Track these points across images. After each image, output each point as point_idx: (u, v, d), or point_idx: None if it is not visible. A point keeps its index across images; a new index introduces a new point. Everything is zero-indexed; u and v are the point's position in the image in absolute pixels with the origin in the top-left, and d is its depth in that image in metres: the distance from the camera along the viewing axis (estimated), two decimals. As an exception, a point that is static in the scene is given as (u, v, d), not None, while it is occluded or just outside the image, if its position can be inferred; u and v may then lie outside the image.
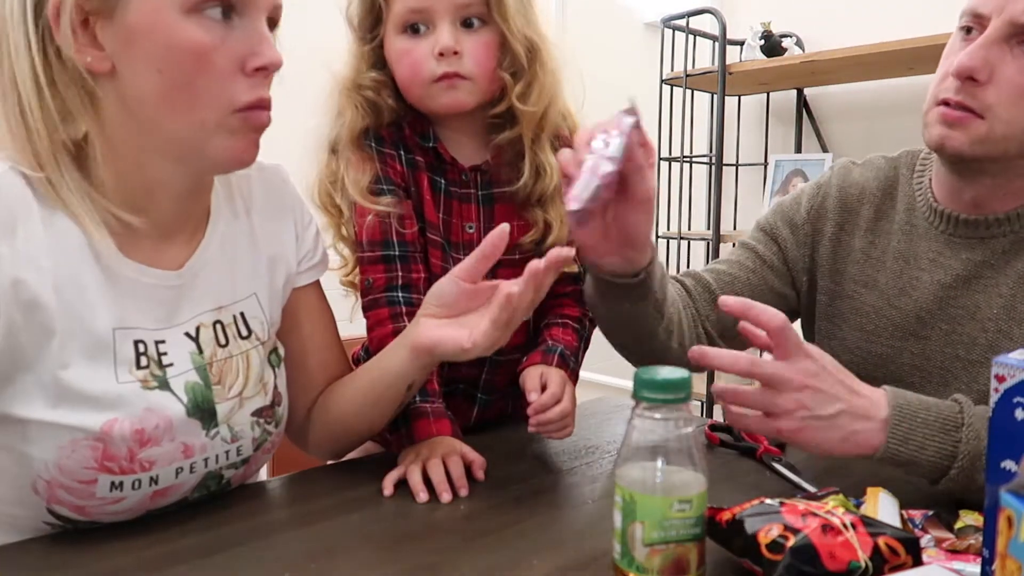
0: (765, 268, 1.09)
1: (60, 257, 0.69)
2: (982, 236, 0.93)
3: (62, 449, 0.70)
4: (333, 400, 0.93)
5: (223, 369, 0.81)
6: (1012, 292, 0.91)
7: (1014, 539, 0.43)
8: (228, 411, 0.81)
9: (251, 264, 0.86)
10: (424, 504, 0.82)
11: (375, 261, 0.97)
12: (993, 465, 0.55)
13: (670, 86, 2.64)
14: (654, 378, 0.59)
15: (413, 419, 0.93)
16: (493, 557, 0.70)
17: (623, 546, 0.59)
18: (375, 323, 0.97)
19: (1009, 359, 0.54)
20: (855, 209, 1.06)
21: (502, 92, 0.97)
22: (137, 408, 0.73)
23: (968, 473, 0.74)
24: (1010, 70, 0.84)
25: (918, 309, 0.97)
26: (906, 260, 1.00)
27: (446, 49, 0.92)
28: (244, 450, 0.83)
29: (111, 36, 0.67)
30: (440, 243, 1.00)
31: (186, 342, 0.79)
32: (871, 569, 0.57)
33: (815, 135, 2.67)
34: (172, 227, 0.78)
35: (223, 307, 0.82)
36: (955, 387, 0.94)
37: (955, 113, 0.87)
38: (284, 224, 0.90)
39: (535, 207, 1.01)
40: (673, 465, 0.59)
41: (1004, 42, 0.84)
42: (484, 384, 1.07)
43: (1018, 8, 0.82)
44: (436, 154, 1.00)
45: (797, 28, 2.62)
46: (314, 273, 0.95)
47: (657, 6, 2.79)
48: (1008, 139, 0.85)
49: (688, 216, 2.77)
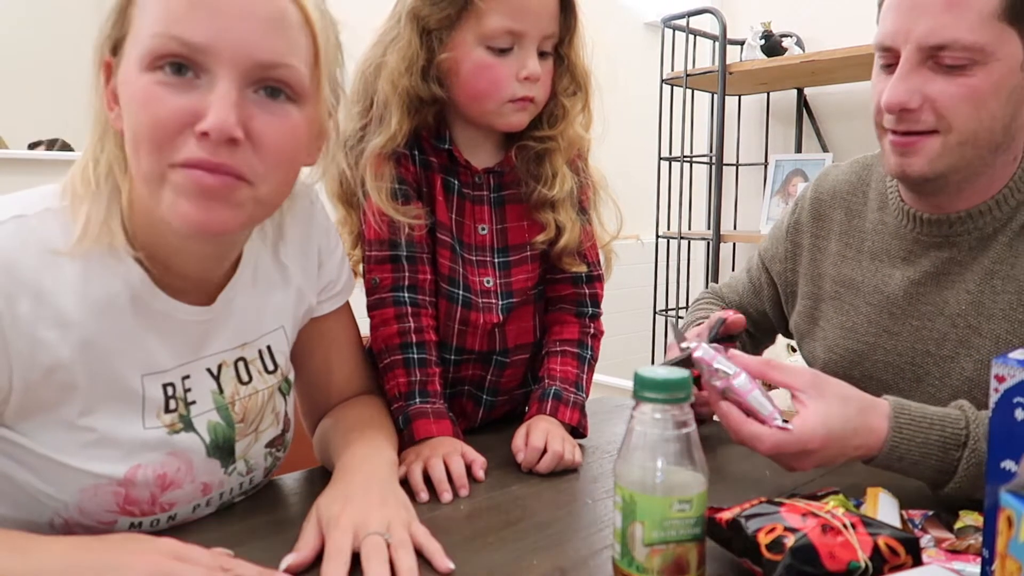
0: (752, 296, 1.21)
1: (92, 303, 0.67)
2: (947, 234, 0.94)
3: (84, 492, 0.69)
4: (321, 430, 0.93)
5: (247, 406, 0.80)
6: (979, 288, 0.92)
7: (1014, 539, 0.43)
8: (245, 447, 0.81)
9: (281, 296, 0.84)
10: (424, 504, 0.82)
11: (383, 261, 0.97)
12: (993, 465, 0.55)
13: (670, 86, 2.63)
14: (654, 378, 0.59)
15: (414, 419, 0.93)
16: (493, 557, 0.70)
17: (623, 546, 0.59)
18: (380, 322, 0.97)
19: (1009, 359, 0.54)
20: (827, 214, 1.09)
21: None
22: (161, 453, 0.72)
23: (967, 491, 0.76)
24: (938, 86, 0.85)
25: (890, 305, 0.99)
26: (879, 257, 1.01)
27: (534, 75, 0.93)
28: (256, 479, 0.84)
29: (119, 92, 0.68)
30: (450, 243, 1.01)
31: (208, 379, 0.77)
32: (871, 569, 0.57)
33: (815, 135, 2.67)
34: (203, 273, 0.76)
35: (247, 343, 0.81)
36: (927, 383, 0.95)
37: (906, 139, 0.88)
38: (309, 254, 0.88)
39: (546, 210, 1.02)
40: (673, 465, 0.59)
41: (921, 65, 0.85)
42: (489, 385, 1.08)
43: (921, 32, 0.83)
44: (450, 156, 1.00)
45: (797, 28, 2.62)
46: (336, 301, 0.92)
47: (657, 6, 2.79)
48: (964, 144, 0.86)
49: (688, 216, 2.77)
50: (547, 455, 0.90)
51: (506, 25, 0.90)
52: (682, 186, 2.71)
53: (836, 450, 0.75)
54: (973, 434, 0.76)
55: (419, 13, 0.92)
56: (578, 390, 1.03)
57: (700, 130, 2.78)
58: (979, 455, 0.75)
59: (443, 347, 1.02)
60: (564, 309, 1.08)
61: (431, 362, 0.98)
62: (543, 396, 1.00)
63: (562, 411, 0.99)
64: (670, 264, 2.71)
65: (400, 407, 0.95)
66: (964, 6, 0.82)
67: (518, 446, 0.93)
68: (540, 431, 0.93)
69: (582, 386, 1.04)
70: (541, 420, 0.97)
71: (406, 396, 0.95)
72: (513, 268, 1.04)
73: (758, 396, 0.76)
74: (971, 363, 0.92)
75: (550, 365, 1.04)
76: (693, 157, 2.65)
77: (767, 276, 1.17)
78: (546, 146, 1.01)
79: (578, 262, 1.05)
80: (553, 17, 0.94)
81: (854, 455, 0.77)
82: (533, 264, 1.05)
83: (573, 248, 1.03)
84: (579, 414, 1.01)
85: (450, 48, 0.93)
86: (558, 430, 0.95)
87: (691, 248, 2.74)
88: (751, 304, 1.20)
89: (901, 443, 0.76)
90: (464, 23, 0.91)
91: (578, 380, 1.04)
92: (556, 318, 1.08)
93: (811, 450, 0.74)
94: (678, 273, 2.70)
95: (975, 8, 0.81)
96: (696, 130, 2.70)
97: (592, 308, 1.09)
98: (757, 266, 1.19)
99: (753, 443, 0.76)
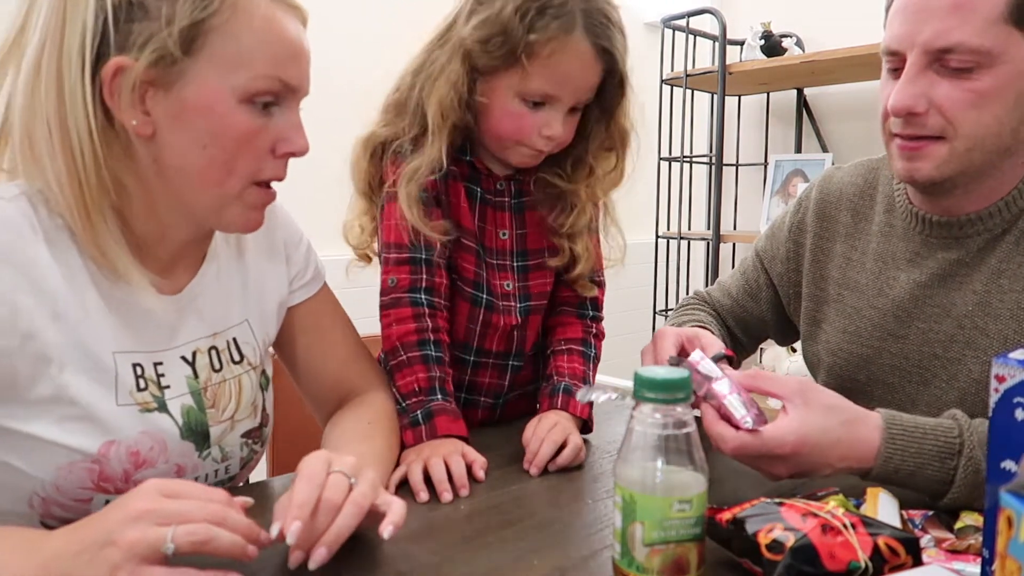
0: (748, 299, 1.18)
1: (64, 281, 0.71)
2: (956, 236, 0.94)
3: (60, 469, 0.72)
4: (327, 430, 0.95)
5: (217, 393, 0.84)
6: (986, 288, 0.92)
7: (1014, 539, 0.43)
8: (220, 433, 0.84)
9: (243, 292, 0.89)
10: (424, 504, 0.82)
11: (401, 262, 0.99)
12: (993, 465, 0.55)
13: (670, 86, 2.63)
14: (654, 378, 0.59)
15: (436, 414, 0.94)
16: (493, 557, 0.70)
17: (623, 546, 0.59)
18: (396, 320, 0.98)
19: (1009, 359, 0.54)
20: (833, 216, 1.08)
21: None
22: (134, 431, 0.75)
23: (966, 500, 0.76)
24: (944, 90, 0.85)
25: (895, 308, 0.98)
26: (884, 260, 1.01)
27: (555, 136, 0.97)
28: (232, 469, 0.86)
29: (162, 106, 0.71)
30: (475, 249, 1.03)
31: (182, 366, 0.81)
32: (871, 569, 0.57)
33: (815, 135, 2.67)
34: (174, 260, 0.82)
35: (217, 333, 0.85)
36: (935, 385, 0.95)
37: (913, 143, 0.88)
38: (274, 255, 0.94)
39: (562, 238, 1.05)
40: (673, 465, 0.59)
41: (927, 68, 0.85)
42: (507, 388, 1.11)
43: (927, 36, 0.84)
44: (471, 166, 1.03)
45: (797, 28, 2.62)
46: (308, 290, 0.97)
47: (657, 6, 2.79)
48: (971, 150, 0.86)
49: (688, 216, 2.77)
50: (567, 448, 0.92)
51: (545, 89, 0.94)
52: (682, 186, 2.71)
53: (816, 459, 0.75)
54: (968, 442, 0.76)
55: (471, 53, 0.94)
56: (586, 381, 1.05)
57: (700, 130, 2.78)
58: (975, 463, 0.75)
59: (464, 348, 1.05)
60: (567, 311, 1.11)
61: (447, 362, 0.99)
62: (553, 392, 1.02)
63: (573, 405, 1.01)
64: (670, 264, 2.71)
65: (420, 401, 0.95)
66: (970, 9, 0.81)
67: (528, 438, 0.95)
68: (548, 422, 0.96)
69: (589, 382, 1.06)
70: (551, 414, 0.99)
71: (427, 391, 0.95)
72: (531, 272, 1.07)
73: (733, 400, 0.77)
74: (978, 364, 0.91)
75: (557, 363, 1.06)
76: (693, 157, 2.65)
77: (766, 277, 1.16)
78: (567, 188, 1.04)
79: (591, 287, 1.10)
80: (591, 88, 0.97)
81: (841, 466, 0.76)
82: (551, 270, 1.08)
83: (587, 275, 1.08)
84: (589, 408, 1.02)
85: (487, 92, 0.96)
86: (569, 423, 0.97)
87: (691, 248, 2.74)
88: (747, 307, 1.18)
89: (895, 454, 0.76)
90: (507, 74, 0.94)
91: (585, 376, 1.06)
92: (559, 320, 1.11)
93: (781, 455, 0.75)
94: (678, 273, 2.70)
95: (981, 11, 0.81)
96: (696, 130, 2.70)
97: (593, 311, 1.12)
98: (754, 267, 1.18)
99: (718, 443, 0.77)
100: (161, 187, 0.75)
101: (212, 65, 0.71)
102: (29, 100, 0.69)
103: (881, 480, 0.77)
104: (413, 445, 0.92)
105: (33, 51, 0.68)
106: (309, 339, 0.97)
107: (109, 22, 0.68)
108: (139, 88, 0.70)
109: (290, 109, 0.77)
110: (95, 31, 0.68)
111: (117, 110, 0.70)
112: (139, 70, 0.68)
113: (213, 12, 0.69)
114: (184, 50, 0.69)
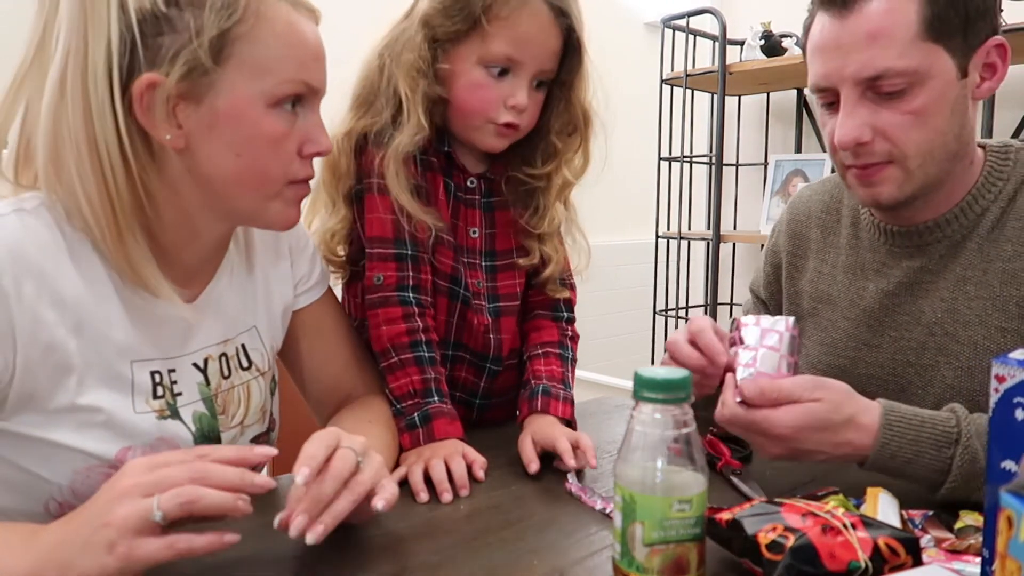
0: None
1: (86, 291, 0.72)
2: (918, 244, 0.96)
3: (77, 474, 0.72)
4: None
5: (227, 399, 0.84)
6: (952, 295, 0.93)
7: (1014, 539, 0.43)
8: (231, 439, 0.84)
9: (252, 298, 0.90)
10: (424, 504, 0.82)
11: (387, 258, 0.98)
12: (993, 465, 0.55)
13: (670, 86, 2.63)
14: (654, 378, 0.59)
15: (434, 417, 0.93)
16: (493, 557, 0.70)
17: (623, 546, 0.59)
18: (385, 321, 0.97)
19: (1009, 359, 0.54)
20: (804, 233, 1.11)
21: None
22: (150, 437, 0.76)
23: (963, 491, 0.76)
24: (885, 116, 0.86)
25: (867, 318, 1.00)
26: (854, 272, 1.03)
27: (519, 105, 0.96)
28: None
29: (194, 118, 0.71)
30: (452, 243, 1.02)
31: (194, 373, 0.81)
32: (871, 569, 0.57)
33: (815, 135, 2.67)
34: (198, 266, 0.82)
35: (228, 340, 0.86)
36: (910, 392, 0.96)
37: (867, 171, 0.90)
38: (280, 259, 0.94)
39: (532, 239, 1.05)
40: (673, 465, 0.59)
41: (862, 98, 0.87)
42: (483, 392, 1.09)
43: (853, 69, 0.85)
44: (448, 158, 1.02)
45: (797, 28, 2.61)
46: (312, 294, 0.97)
47: (657, 6, 2.79)
48: (923, 165, 0.88)
49: (688, 216, 2.77)
50: (588, 449, 0.90)
51: (507, 51, 0.93)
52: (682, 186, 2.71)
53: (811, 444, 0.76)
54: (965, 432, 0.76)
55: (431, 21, 0.94)
56: (565, 387, 1.04)
57: (700, 130, 2.78)
58: (972, 452, 0.75)
59: (442, 341, 1.03)
60: (541, 315, 1.11)
61: (439, 362, 0.99)
62: (532, 395, 1.01)
63: (554, 406, 1.00)
64: (670, 264, 2.71)
65: (417, 404, 0.95)
66: (887, 36, 0.84)
67: (529, 457, 0.91)
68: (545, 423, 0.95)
69: (568, 383, 1.05)
70: (536, 420, 0.97)
71: (423, 393, 0.95)
72: (500, 273, 1.06)
73: (742, 371, 0.79)
74: (952, 371, 0.92)
75: (534, 367, 1.05)
76: (693, 157, 2.65)
77: (761, 305, 1.18)
78: (537, 184, 1.04)
79: (562, 289, 1.10)
80: (553, 55, 0.96)
81: (837, 453, 0.77)
82: (520, 271, 1.08)
83: (557, 277, 1.08)
84: (571, 408, 1.02)
85: (451, 60, 0.95)
86: (560, 427, 0.95)
87: (691, 248, 2.74)
88: None
89: (892, 440, 0.76)
90: (469, 41, 0.94)
91: (564, 378, 1.05)
92: (534, 324, 1.11)
93: (778, 435, 0.75)
94: (678, 273, 2.70)
95: (898, 35, 0.84)
96: (696, 130, 2.70)
97: (567, 313, 1.12)
98: (750, 301, 1.21)
99: (719, 406, 0.79)
100: (196, 194, 0.75)
101: (240, 73, 0.71)
102: (54, 120, 0.68)
103: (878, 468, 0.78)
104: (410, 448, 0.92)
105: (56, 70, 0.68)
106: (311, 342, 0.97)
107: (136, 38, 0.67)
108: (171, 101, 0.70)
109: (312, 110, 0.79)
110: (121, 48, 0.67)
111: (151, 126, 0.70)
112: (171, 84, 0.68)
113: (239, 20, 0.70)
114: (214, 60, 0.69)
